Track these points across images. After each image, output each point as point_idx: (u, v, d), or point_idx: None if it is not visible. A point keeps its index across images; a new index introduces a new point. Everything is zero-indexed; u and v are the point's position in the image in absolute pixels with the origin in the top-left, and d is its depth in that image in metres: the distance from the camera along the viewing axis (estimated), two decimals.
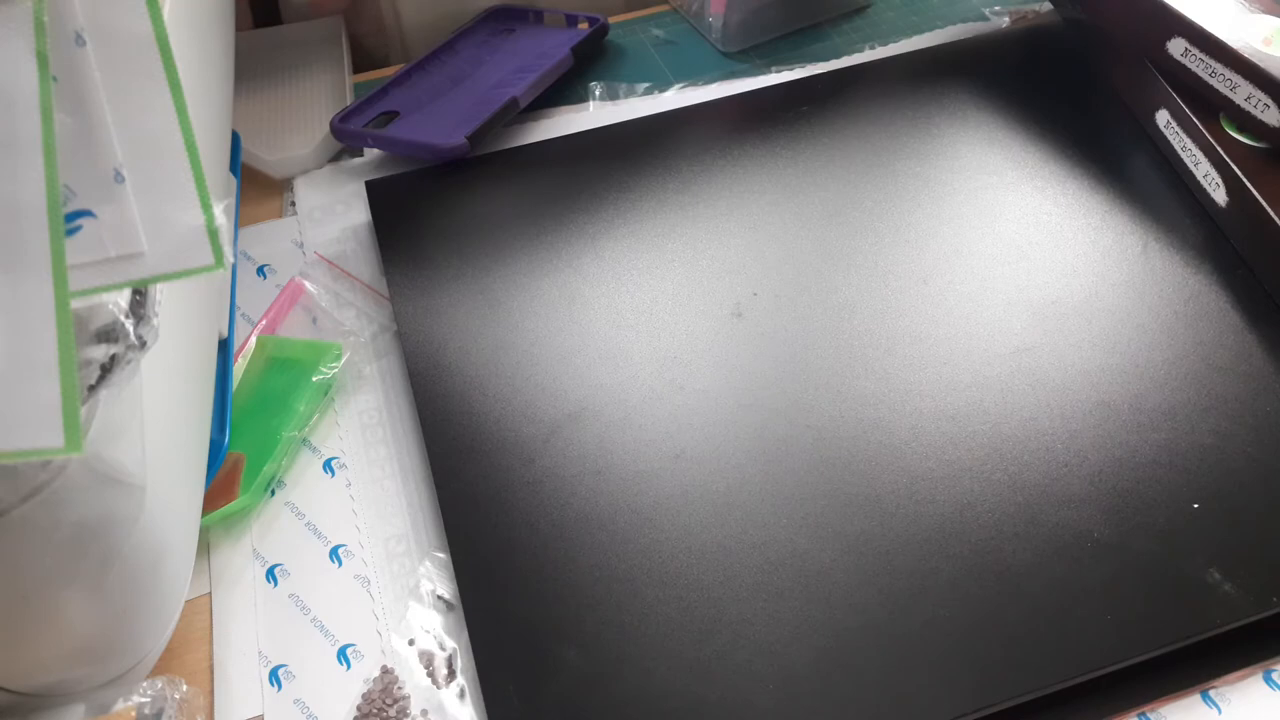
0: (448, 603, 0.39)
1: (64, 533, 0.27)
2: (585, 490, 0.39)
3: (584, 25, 0.63)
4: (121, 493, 0.29)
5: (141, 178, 0.23)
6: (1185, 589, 0.35)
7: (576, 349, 0.44)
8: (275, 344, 0.47)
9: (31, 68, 0.21)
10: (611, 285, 0.47)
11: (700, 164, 0.53)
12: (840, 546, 0.37)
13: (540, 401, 0.42)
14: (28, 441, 0.21)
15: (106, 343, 0.24)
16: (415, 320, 0.46)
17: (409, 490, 0.42)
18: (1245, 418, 0.40)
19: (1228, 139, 0.48)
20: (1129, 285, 0.45)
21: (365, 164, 0.57)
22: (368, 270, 0.51)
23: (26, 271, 0.21)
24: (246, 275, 0.51)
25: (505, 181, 0.53)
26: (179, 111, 0.23)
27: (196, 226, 0.23)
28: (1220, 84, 0.48)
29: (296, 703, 0.37)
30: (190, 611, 0.39)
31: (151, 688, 0.34)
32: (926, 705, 0.33)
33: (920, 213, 0.49)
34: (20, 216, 0.21)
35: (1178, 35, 0.49)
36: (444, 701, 0.36)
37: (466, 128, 0.53)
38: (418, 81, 0.60)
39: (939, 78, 0.57)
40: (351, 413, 0.45)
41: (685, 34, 0.66)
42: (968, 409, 0.41)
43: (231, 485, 0.41)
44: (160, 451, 0.32)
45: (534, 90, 0.57)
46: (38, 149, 0.21)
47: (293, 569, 0.40)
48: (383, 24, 0.67)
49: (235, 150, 0.54)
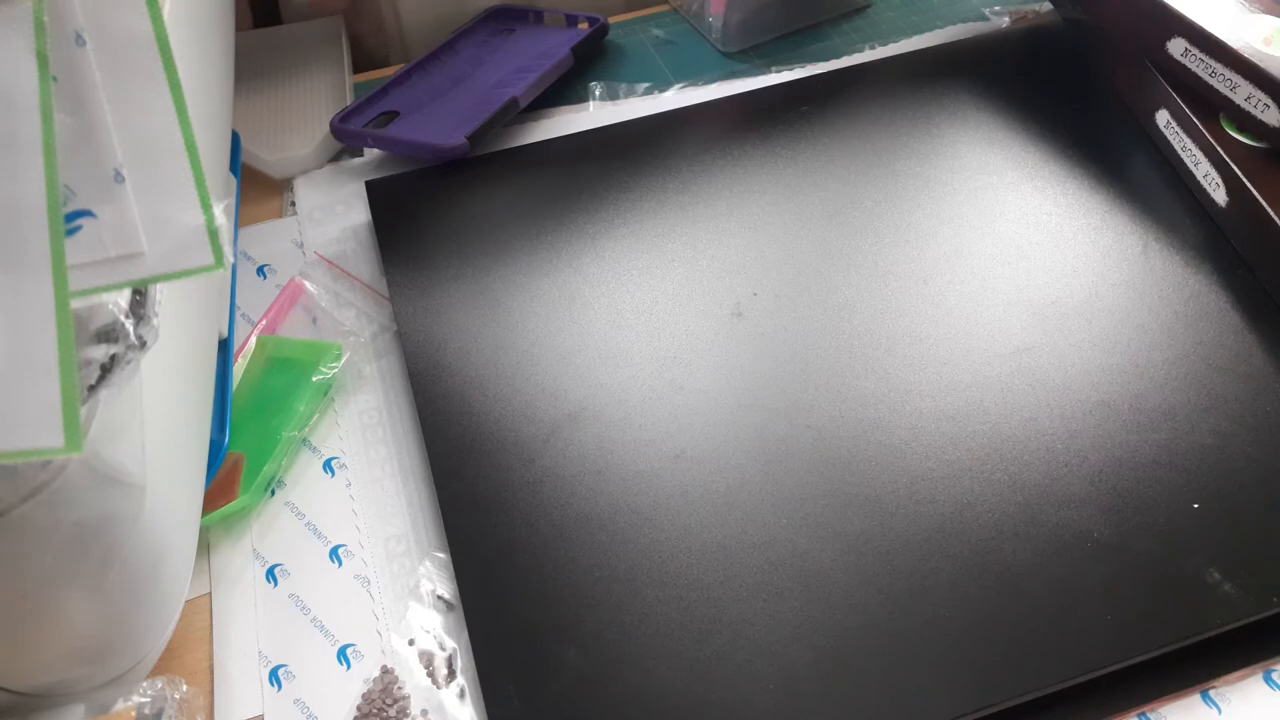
0: (448, 603, 0.39)
1: (64, 533, 0.27)
2: (585, 490, 0.39)
3: (584, 25, 0.63)
4: (121, 493, 0.29)
5: (141, 178, 0.23)
6: (1185, 589, 0.35)
7: (576, 349, 0.44)
8: (275, 344, 0.47)
9: (31, 68, 0.21)
10: (611, 285, 0.47)
11: (700, 164, 0.53)
12: (840, 546, 0.37)
13: (540, 401, 0.42)
14: (28, 441, 0.21)
15: (106, 343, 0.24)
16: (415, 320, 0.46)
17: (409, 490, 0.42)
18: (1245, 418, 0.40)
19: (1228, 139, 0.48)
20: (1129, 285, 0.45)
21: (365, 164, 0.57)
22: (368, 270, 0.51)
23: (26, 271, 0.21)
24: (246, 275, 0.51)
25: (505, 181, 0.53)
26: (179, 111, 0.23)
27: (196, 226, 0.23)
28: (1220, 84, 0.48)
29: (296, 703, 0.37)
30: (190, 611, 0.39)
31: (151, 688, 0.34)
32: (926, 705, 0.33)
33: (920, 213, 0.49)
34: (20, 216, 0.21)
35: (1178, 35, 0.49)
36: (444, 701, 0.36)
37: (466, 128, 0.53)
38: (418, 81, 0.60)
39: (939, 78, 0.57)
40: (351, 413, 0.45)
41: (685, 34, 0.66)
42: (968, 409, 0.41)
43: (231, 485, 0.41)
44: (160, 451, 0.32)
45: (534, 90, 0.57)
46: (38, 149, 0.21)
47: (293, 569, 0.40)
48: (383, 24, 0.67)
49: (235, 150, 0.54)
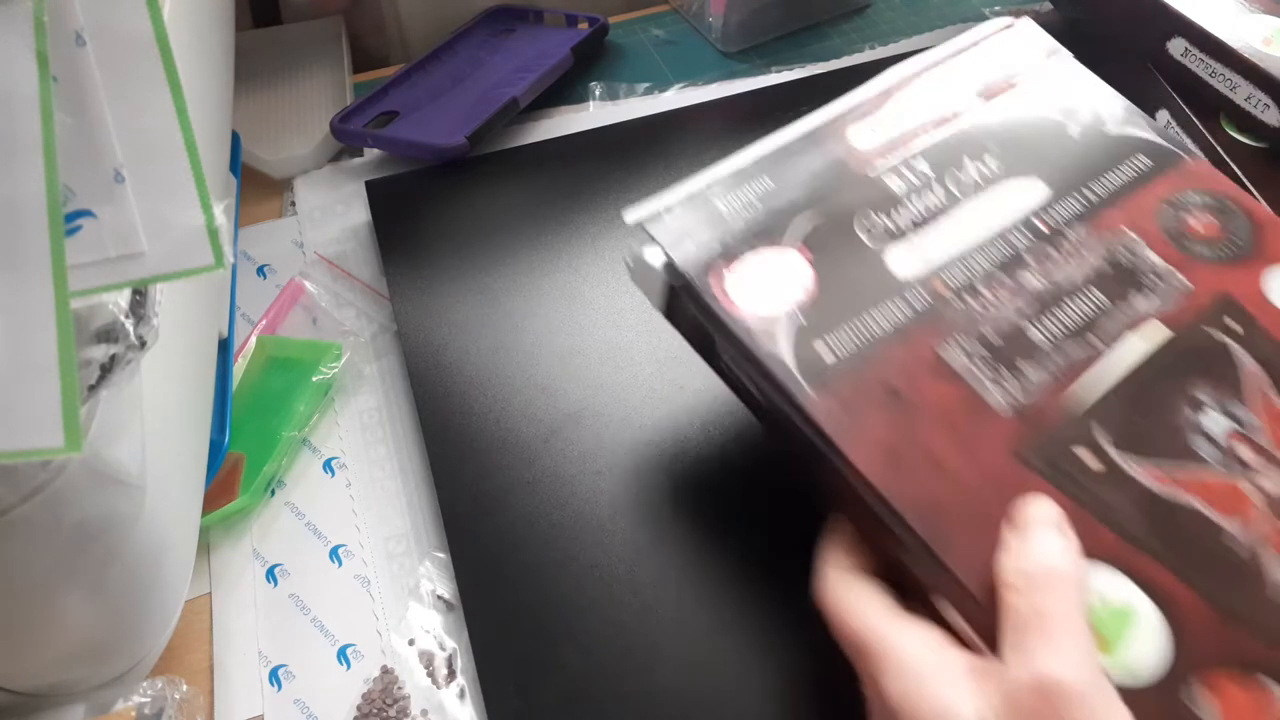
0: (448, 602, 0.39)
1: (64, 533, 0.27)
2: (586, 490, 0.39)
3: (584, 25, 0.63)
4: (121, 493, 0.29)
5: (141, 178, 0.23)
6: None
7: (577, 349, 0.44)
8: (275, 344, 0.47)
9: (31, 68, 0.21)
10: (611, 285, 0.47)
11: (700, 164, 0.52)
12: None
13: (541, 401, 0.42)
14: (28, 441, 0.21)
15: (106, 343, 0.24)
16: (415, 320, 0.46)
17: (409, 490, 0.42)
18: None
19: (1228, 139, 0.48)
20: None
21: (365, 164, 0.57)
22: (368, 270, 0.51)
23: (26, 271, 0.21)
24: (246, 275, 0.51)
25: (505, 181, 0.53)
26: (179, 111, 0.23)
27: (196, 226, 0.23)
28: (1220, 84, 0.48)
29: (296, 703, 0.37)
30: (190, 611, 0.39)
31: (151, 688, 0.34)
32: None
33: None
34: (20, 216, 0.21)
35: (1178, 35, 0.49)
36: (444, 701, 0.36)
37: (466, 128, 0.53)
38: (418, 81, 0.60)
39: None
40: (351, 413, 0.45)
41: (685, 34, 0.66)
42: None
43: (231, 485, 0.41)
44: (160, 451, 0.32)
45: (534, 90, 0.57)
46: (38, 149, 0.21)
47: (293, 569, 0.40)
48: (383, 24, 0.67)
49: (235, 150, 0.54)
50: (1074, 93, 0.39)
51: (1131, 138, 0.38)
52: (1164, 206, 0.36)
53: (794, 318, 0.32)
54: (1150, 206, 0.36)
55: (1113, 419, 0.31)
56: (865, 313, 0.33)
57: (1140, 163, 0.37)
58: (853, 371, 0.31)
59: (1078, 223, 0.35)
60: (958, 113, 0.38)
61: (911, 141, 0.37)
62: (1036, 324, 0.33)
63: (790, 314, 0.32)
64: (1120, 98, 0.39)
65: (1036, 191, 0.36)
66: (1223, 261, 0.35)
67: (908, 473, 0.30)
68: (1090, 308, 0.33)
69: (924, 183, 0.36)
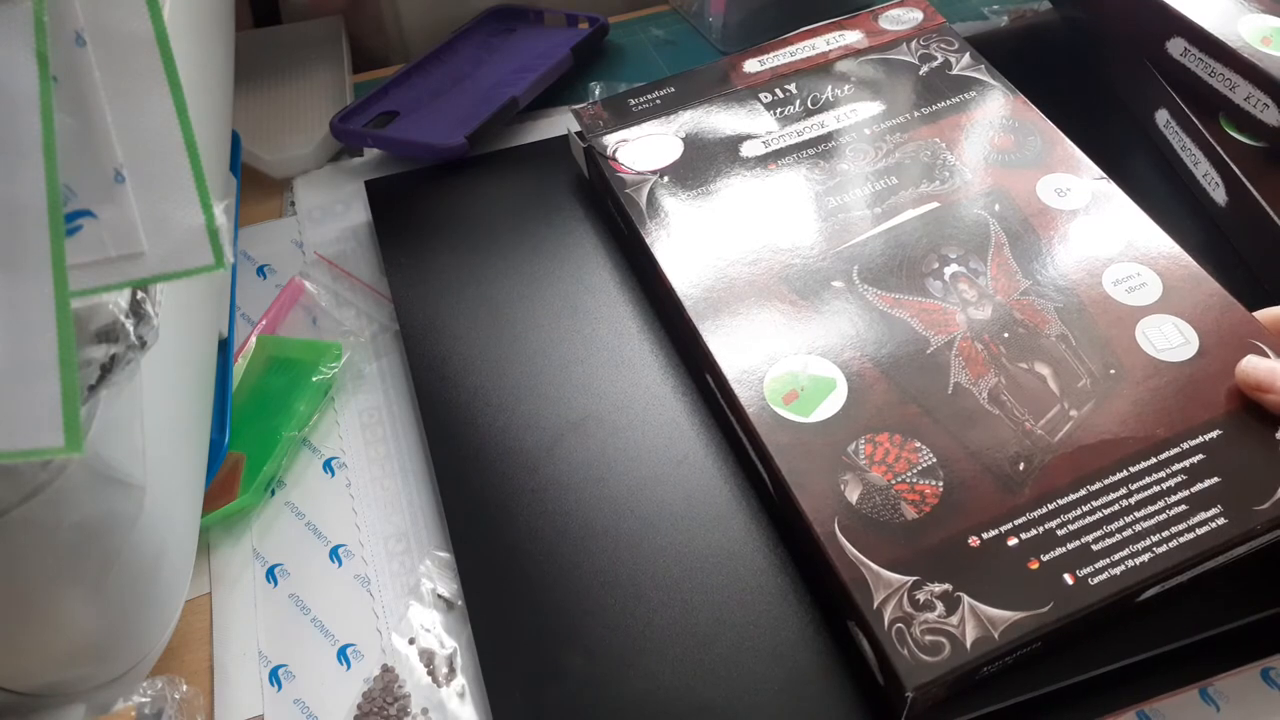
0: (448, 601, 0.39)
1: (64, 533, 0.27)
2: (590, 497, 0.39)
3: (584, 25, 0.63)
4: (121, 493, 0.29)
5: (141, 178, 0.23)
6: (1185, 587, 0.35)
7: (579, 356, 0.44)
8: (275, 344, 0.47)
9: (31, 68, 0.21)
10: (614, 289, 0.47)
11: None
12: None
13: (544, 409, 0.42)
14: (28, 441, 0.21)
15: (106, 343, 0.24)
16: (416, 321, 0.46)
17: (409, 490, 0.42)
18: None
19: (1227, 139, 0.48)
20: None
21: (365, 164, 0.57)
22: (368, 270, 0.51)
23: (26, 271, 0.21)
24: (246, 275, 0.51)
25: (505, 181, 0.53)
26: (179, 111, 0.23)
27: (196, 226, 0.23)
28: (1220, 84, 0.48)
29: (296, 703, 0.37)
30: (190, 611, 0.39)
31: (151, 688, 0.34)
32: None
33: None
34: (20, 216, 0.21)
35: (1177, 35, 0.49)
36: (445, 700, 0.36)
37: (466, 128, 0.53)
38: (418, 81, 0.60)
39: None
40: (351, 413, 0.45)
41: (685, 34, 0.66)
42: None
43: (231, 485, 0.41)
44: (160, 451, 0.32)
45: (534, 90, 0.57)
46: (38, 149, 0.21)
47: (293, 569, 0.40)
48: (383, 24, 0.67)
49: (235, 150, 0.54)
50: (932, 45, 0.53)
51: (967, 77, 0.51)
52: (975, 125, 0.48)
53: (658, 176, 0.47)
54: (963, 124, 0.48)
55: (866, 261, 0.42)
56: (711, 181, 0.47)
57: (967, 95, 0.50)
58: (684, 214, 0.45)
59: (899, 131, 0.48)
60: (832, 58, 0.53)
61: (789, 73, 0.52)
62: (835, 196, 0.45)
63: (656, 173, 0.48)
64: (970, 48, 0.52)
65: (874, 109, 0.50)
66: (1009, 166, 0.46)
67: (696, 273, 0.43)
68: (885, 188, 0.45)
69: (788, 97, 0.51)
